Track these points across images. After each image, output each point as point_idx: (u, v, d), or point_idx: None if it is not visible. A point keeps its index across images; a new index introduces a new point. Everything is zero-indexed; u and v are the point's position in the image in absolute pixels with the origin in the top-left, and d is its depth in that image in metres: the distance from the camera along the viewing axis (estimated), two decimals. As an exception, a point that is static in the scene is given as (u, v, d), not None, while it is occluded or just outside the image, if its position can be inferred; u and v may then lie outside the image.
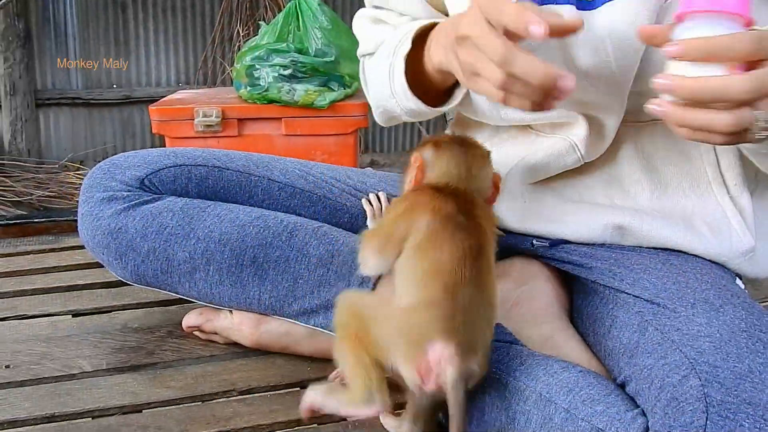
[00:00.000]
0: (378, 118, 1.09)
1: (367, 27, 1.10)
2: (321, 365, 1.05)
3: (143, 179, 1.05)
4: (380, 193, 1.09)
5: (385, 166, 4.08)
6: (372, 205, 1.07)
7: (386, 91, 0.96)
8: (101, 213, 1.02)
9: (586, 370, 0.78)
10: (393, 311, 0.76)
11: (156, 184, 1.05)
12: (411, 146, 4.34)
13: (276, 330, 1.05)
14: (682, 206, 0.97)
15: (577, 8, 0.92)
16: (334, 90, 2.61)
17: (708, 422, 0.63)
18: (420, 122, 4.07)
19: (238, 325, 1.06)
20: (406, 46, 0.91)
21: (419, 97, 0.92)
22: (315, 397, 0.81)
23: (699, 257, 0.93)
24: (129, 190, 1.04)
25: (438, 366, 0.69)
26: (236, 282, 1.01)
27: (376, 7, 1.10)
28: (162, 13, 3.98)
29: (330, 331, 0.99)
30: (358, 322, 0.77)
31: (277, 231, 1.01)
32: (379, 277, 0.96)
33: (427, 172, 0.83)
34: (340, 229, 1.05)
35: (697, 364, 0.68)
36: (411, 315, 0.73)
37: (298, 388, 1.02)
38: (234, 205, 1.05)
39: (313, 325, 1.01)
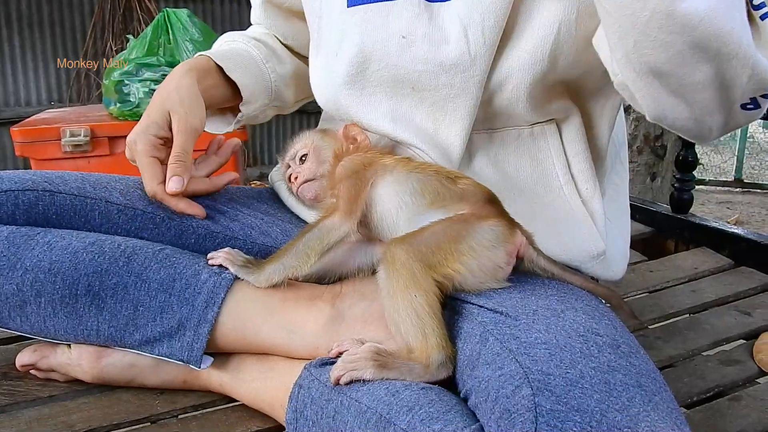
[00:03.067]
0: None
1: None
2: (171, 397, 0.99)
3: None
4: (227, 249, 0.99)
5: (275, 179, 4.00)
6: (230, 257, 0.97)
7: None
8: None
9: (429, 386, 0.76)
10: (461, 220, 0.85)
11: None
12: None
13: (119, 362, 0.97)
14: (536, 211, 0.97)
15: (428, 0, 0.91)
16: (209, 104, 2.53)
17: None
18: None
19: (77, 359, 0.98)
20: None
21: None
22: (366, 372, 0.77)
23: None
24: (-53, 221, 0.94)
25: (522, 246, 0.87)
26: (71, 313, 0.93)
27: None
28: (28, 29, 3.77)
29: (175, 359, 0.93)
30: (434, 253, 0.81)
31: (114, 256, 0.94)
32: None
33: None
34: (185, 251, 0.99)
35: (531, 373, 0.67)
36: (477, 216, 0.85)
37: (148, 423, 0.95)
38: (67, 231, 0.97)
39: (158, 355, 0.94)
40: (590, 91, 0.99)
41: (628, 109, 2.65)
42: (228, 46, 1.21)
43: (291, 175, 1.01)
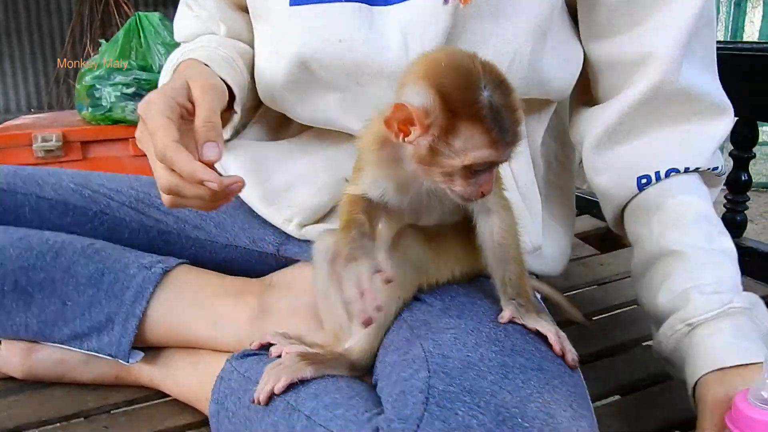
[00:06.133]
0: None
1: (181, 11, 1.10)
2: (103, 393, 0.98)
3: None
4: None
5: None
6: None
7: None
8: None
9: (340, 376, 0.76)
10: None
11: None
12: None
13: (49, 358, 0.97)
14: None
15: (369, 4, 0.89)
16: (181, 107, 2.54)
17: (425, 413, 0.61)
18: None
19: (6, 356, 0.98)
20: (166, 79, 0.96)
21: None
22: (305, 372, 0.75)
23: None
24: None
25: None
26: None
27: None
28: (5, 36, 3.77)
29: (104, 354, 0.93)
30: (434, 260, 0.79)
31: (42, 251, 0.94)
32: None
33: None
34: (116, 246, 0.99)
35: (431, 357, 0.67)
36: None
37: (82, 419, 0.95)
38: (-5, 226, 0.98)
39: (87, 350, 0.94)
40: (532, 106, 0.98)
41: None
42: (201, 51, 1.01)
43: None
